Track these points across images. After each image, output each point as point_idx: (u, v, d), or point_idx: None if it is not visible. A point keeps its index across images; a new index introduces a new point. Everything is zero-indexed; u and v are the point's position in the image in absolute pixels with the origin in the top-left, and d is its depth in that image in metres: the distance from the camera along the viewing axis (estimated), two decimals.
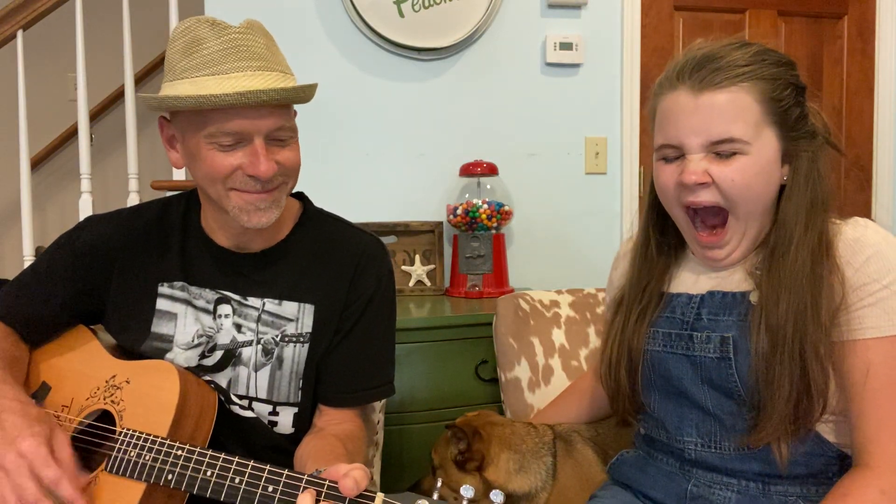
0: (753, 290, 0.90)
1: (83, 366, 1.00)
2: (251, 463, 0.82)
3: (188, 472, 0.84)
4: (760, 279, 0.89)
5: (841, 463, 0.89)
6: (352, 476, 0.73)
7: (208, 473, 0.83)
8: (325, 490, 0.75)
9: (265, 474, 0.81)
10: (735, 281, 0.94)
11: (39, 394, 1.00)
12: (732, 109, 0.85)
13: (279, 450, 1.02)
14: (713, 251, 0.91)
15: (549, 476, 1.13)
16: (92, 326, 1.07)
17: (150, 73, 3.06)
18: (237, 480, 0.81)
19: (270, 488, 0.79)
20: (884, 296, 0.82)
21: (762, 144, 0.87)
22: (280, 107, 0.90)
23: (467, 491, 0.73)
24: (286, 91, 0.87)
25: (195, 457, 0.85)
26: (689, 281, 0.99)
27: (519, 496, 1.11)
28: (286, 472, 0.80)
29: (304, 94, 0.91)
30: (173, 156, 0.98)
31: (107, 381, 0.97)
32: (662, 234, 1.02)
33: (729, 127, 0.85)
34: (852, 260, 0.85)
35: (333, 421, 1.04)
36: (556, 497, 1.12)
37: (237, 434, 0.99)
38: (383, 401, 1.26)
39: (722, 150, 0.86)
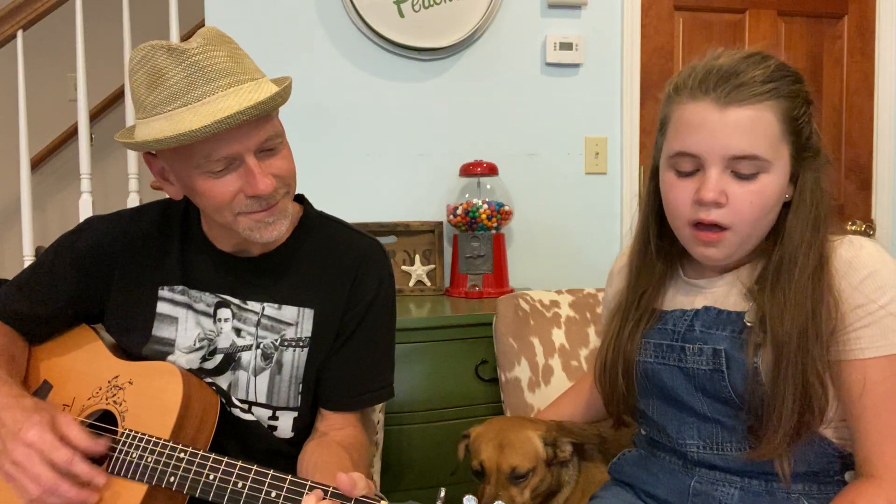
0: (749, 311, 0.90)
1: (86, 365, 1.00)
2: (254, 468, 0.82)
3: (191, 476, 0.84)
4: (763, 297, 0.89)
5: (843, 461, 0.89)
6: (351, 475, 0.75)
7: (211, 477, 0.83)
8: (330, 490, 0.76)
9: (268, 479, 0.81)
10: (731, 301, 0.94)
11: (40, 393, 1.00)
12: (757, 127, 0.84)
13: (279, 453, 1.02)
14: (710, 249, 0.90)
15: (577, 471, 1.16)
16: (93, 326, 1.07)
17: None
18: (240, 485, 0.82)
19: (273, 493, 0.80)
20: (880, 315, 0.83)
21: (780, 164, 0.87)
22: (262, 117, 0.87)
23: (470, 501, 0.76)
24: (264, 104, 0.84)
25: (198, 460, 0.85)
26: (686, 301, 0.99)
27: (560, 487, 1.14)
28: (290, 477, 0.80)
29: (283, 96, 0.88)
30: (170, 189, 0.96)
31: (109, 382, 0.97)
32: (661, 238, 1.02)
33: (752, 144, 0.84)
34: (849, 279, 0.85)
35: (335, 425, 1.04)
36: (578, 494, 1.14)
37: (238, 437, 0.99)
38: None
39: (743, 168, 0.85)
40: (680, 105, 0.89)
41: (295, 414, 1.02)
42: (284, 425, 1.02)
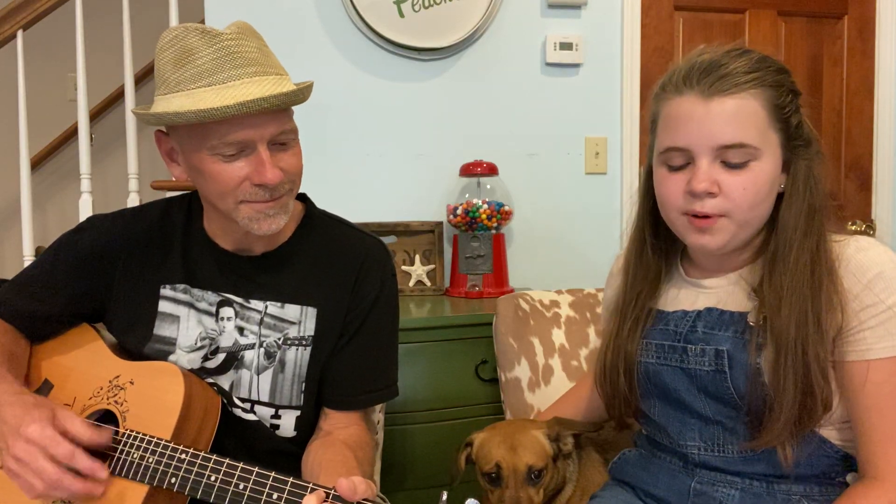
0: (752, 311, 0.90)
1: (87, 365, 1.00)
2: (256, 469, 0.82)
3: (192, 476, 0.84)
4: (762, 287, 0.89)
5: (844, 463, 0.89)
6: (351, 479, 0.75)
7: (212, 478, 0.83)
8: (332, 493, 0.76)
9: (270, 481, 0.80)
10: (734, 301, 0.94)
11: (41, 392, 1.00)
12: (742, 115, 0.85)
13: (281, 453, 1.02)
14: (705, 236, 0.89)
15: (576, 467, 1.16)
16: (95, 325, 1.06)
17: (149, 73, 3.05)
18: (241, 486, 0.82)
19: (275, 495, 0.79)
20: (887, 317, 0.83)
21: (770, 151, 0.87)
22: (280, 111, 0.90)
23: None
24: (286, 95, 0.87)
25: (199, 461, 0.85)
26: (688, 301, 0.99)
27: (563, 483, 1.14)
28: (291, 479, 0.80)
29: (303, 94, 0.91)
30: (175, 170, 0.97)
31: (110, 382, 0.97)
32: (656, 238, 1.02)
33: (739, 132, 0.85)
34: (857, 278, 0.85)
35: (339, 424, 1.04)
36: (578, 493, 1.14)
37: (239, 437, 0.99)
38: None
39: (732, 157, 0.86)
40: (666, 101, 0.91)
41: (298, 413, 1.02)
42: (287, 424, 1.02)
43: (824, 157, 0.92)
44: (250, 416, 1.00)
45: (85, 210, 2.02)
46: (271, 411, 1.01)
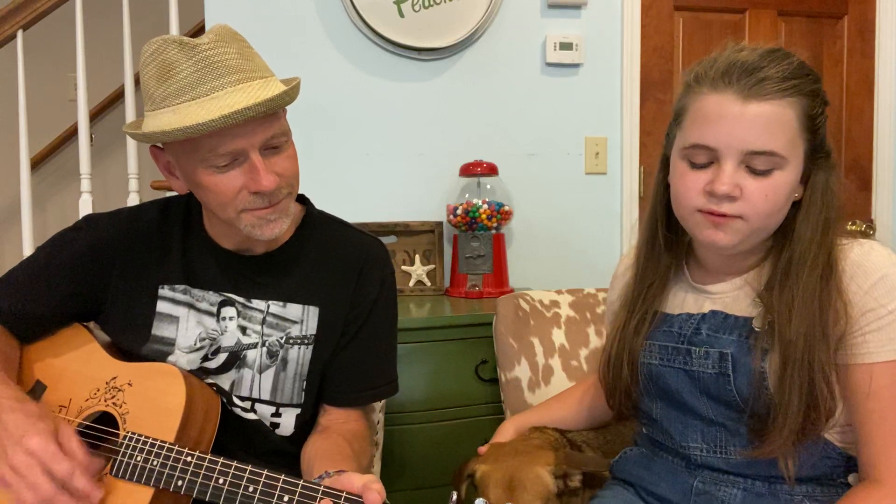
0: (757, 316, 0.90)
1: (81, 366, 0.99)
2: (265, 472, 0.82)
3: (199, 479, 0.84)
4: (771, 298, 0.88)
5: (847, 464, 0.89)
6: (374, 489, 0.75)
7: (220, 481, 0.83)
8: (343, 495, 0.76)
9: (280, 483, 0.80)
10: (739, 306, 0.94)
11: (34, 393, 0.98)
12: (776, 123, 0.84)
13: (280, 452, 1.03)
14: (718, 233, 0.88)
15: (584, 500, 1.13)
16: (87, 325, 1.05)
17: None
18: (251, 489, 0.81)
19: (286, 498, 0.79)
20: (890, 320, 0.83)
21: (795, 162, 0.86)
22: (269, 115, 0.88)
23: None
24: (272, 101, 0.85)
25: (206, 464, 0.84)
26: (693, 305, 0.99)
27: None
28: (301, 482, 0.79)
29: (290, 96, 0.89)
30: (175, 183, 0.96)
31: (107, 383, 0.96)
32: (668, 230, 1.01)
33: (770, 140, 0.83)
34: (859, 283, 0.85)
35: (339, 420, 1.05)
36: None
37: (239, 436, 1.00)
38: (383, 400, 1.27)
39: (758, 164, 0.84)
40: (700, 95, 0.88)
41: (298, 411, 1.03)
42: (287, 422, 1.02)
43: (839, 169, 0.91)
44: (250, 416, 1.00)
45: (85, 210, 2.02)
46: (272, 409, 1.01)
